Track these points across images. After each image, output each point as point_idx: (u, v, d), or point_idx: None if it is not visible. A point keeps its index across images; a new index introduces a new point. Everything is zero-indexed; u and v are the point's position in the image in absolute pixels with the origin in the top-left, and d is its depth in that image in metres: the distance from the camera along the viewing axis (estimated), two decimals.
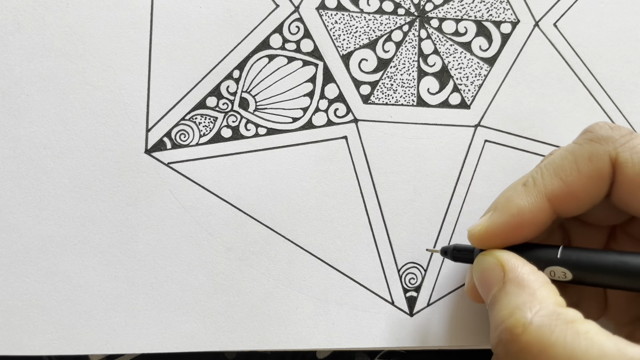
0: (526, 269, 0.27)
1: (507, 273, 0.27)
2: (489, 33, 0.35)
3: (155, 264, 0.32)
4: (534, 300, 0.25)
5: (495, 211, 0.29)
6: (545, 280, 0.27)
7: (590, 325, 0.25)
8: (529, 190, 0.28)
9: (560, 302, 0.26)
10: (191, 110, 0.33)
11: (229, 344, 0.33)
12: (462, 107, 0.35)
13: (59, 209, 0.32)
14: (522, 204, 0.28)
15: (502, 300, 0.27)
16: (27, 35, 0.32)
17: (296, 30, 0.34)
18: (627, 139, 0.27)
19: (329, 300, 0.33)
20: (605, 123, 0.28)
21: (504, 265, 0.28)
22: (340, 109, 0.34)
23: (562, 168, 0.28)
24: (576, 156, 0.28)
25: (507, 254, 0.28)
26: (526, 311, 0.25)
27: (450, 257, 0.31)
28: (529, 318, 0.25)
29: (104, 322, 0.32)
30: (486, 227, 0.29)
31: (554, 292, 0.26)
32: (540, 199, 0.28)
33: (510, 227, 0.28)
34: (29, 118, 0.32)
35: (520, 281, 0.27)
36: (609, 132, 0.28)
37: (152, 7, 0.33)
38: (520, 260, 0.28)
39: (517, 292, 0.26)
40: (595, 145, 0.28)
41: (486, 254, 0.29)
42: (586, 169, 0.28)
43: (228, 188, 0.33)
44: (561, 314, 0.25)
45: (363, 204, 0.34)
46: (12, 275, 0.32)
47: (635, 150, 0.27)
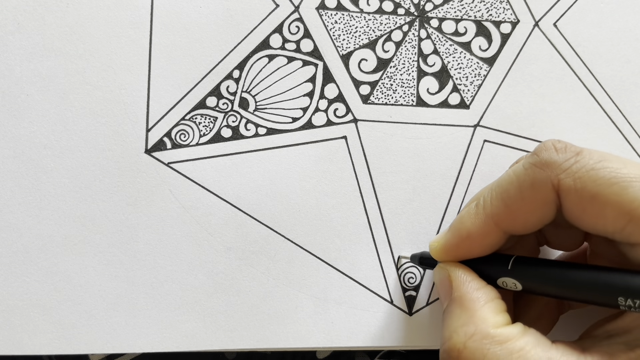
0: (473, 285, 0.29)
1: (454, 291, 0.29)
2: (488, 33, 0.35)
3: (155, 263, 0.32)
4: (471, 322, 0.27)
5: (450, 231, 0.30)
6: (489, 297, 0.28)
7: (527, 339, 0.26)
8: (478, 213, 0.29)
9: (498, 323, 0.27)
10: (191, 110, 0.33)
11: (229, 343, 0.33)
12: (461, 107, 0.35)
13: (59, 209, 0.32)
14: (470, 227, 0.29)
15: (446, 319, 0.29)
16: (27, 35, 0.32)
17: (296, 30, 0.34)
18: (571, 162, 0.27)
19: (329, 299, 0.33)
20: (552, 144, 0.28)
21: (452, 282, 0.29)
22: (340, 109, 0.34)
23: (507, 193, 0.28)
24: (520, 181, 0.28)
25: (457, 270, 0.30)
26: (462, 335, 0.27)
27: (417, 264, 0.33)
28: (462, 342, 0.27)
29: (104, 321, 0.32)
30: (442, 245, 0.30)
31: (494, 311, 0.28)
32: (487, 222, 0.29)
33: (462, 247, 0.30)
34: (29, 118, 0.32)
35: (463, 301, 0.28)
36: (553, 155, 0.27)
37: (152, 7, 0.33)
38: (470, 275, 0.29)
39: (458, 312, 0.28)
40: (537, 172, 0.27)
41: (440, 267, 0.31)
42: (529, 195, 0.28)
43: (228, 188, 0.33)
44: (495, 336, 0.26)
45: (362, 204, 0.34)
46: (12, 275, 0.32)
47: (577, 176, 0.26)
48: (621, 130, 0.36)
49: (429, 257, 0.32)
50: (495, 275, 0.29)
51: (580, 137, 0.35)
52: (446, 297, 0.30)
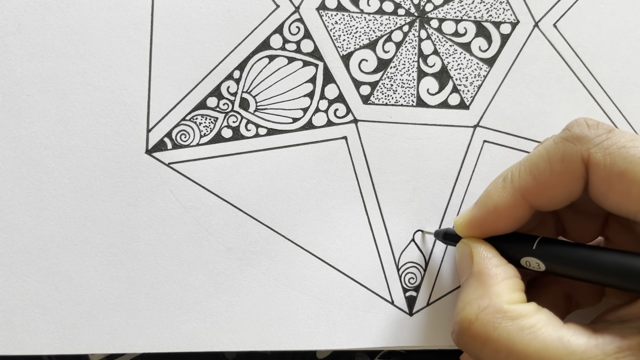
0: (493, 261, 0.29)
1: (474, 265, 0.29)
2: (488, 34, 0.35)
3: (156, 263, 0.32)
4: (486, 296, 0.27)
5: (476, 205, 0.30)
6: (508, 275, 0.28)
7: (539, 318, 0.26)
8: (506, 186, 0.29)
9: (513, 299, 0.27)
10: (192, 111, 0.33)
11: (229, 344, 0.33)
12: (461, 107, 0.35)
13: (59, 209, 0.32)
14: (498, 200, 0.29)
15: (463, 291, 0.29)
16: (28, 36, 0.32)
17: (296, 30, 0.34)
18: (602, 138, 0.27)
19: (329, 300, 0.33)
20: (584, 120, 0.28)
21: (473, 256, 0.29)
22: (340, 110, 0.34)
23: (536, 166, 0.28)
24: (550, 155, 0.28)
25: (479, 246, 0.30)
26: (475, 307, 0.27)
27: (441, 239, 0.33)
28: (475, 314, 0.27)
29: (105, 321, 0.32)
30: (467, 220, 0.30)
31: (510, 288, 0.28)
32: (515, 195, 0.29)
33: (488, 221, 0.30)
34: (30, 118, 0.32)
35: (481, 275, 0.28)
36: (585, 131, 0.28)
37: (152, 7, 0.33)
38: (491, 252, 0.29)
39: (475, 286, 0.28)
40: (568, 145, 0.28)
41: (463, 242, 0.31)
42: (558, 168, 0.28)
43: (228, 188, 0.33)
44: (507, 311, 0.27)
45: (363, 204, 0.34)
46: (13, 275, 0.32)
47: (608, 152, 0.27)
48: None
49: (453, 233, 0.32)
50: (519, 254, 0.29)
51: None
52: (465, 271, 0.30)
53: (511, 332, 0.26)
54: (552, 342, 0.25)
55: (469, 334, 0.27)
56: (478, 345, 0.27)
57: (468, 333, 0.27)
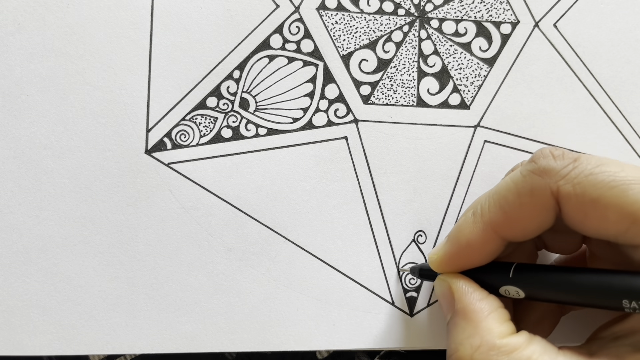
0: (475, 295, 0.29)
1: (456, 302, 0.29)
2: (488, 33, 0.35)
3: (155, 264, 0.32)
4: (476, 334, 0.27)
5: (449, 241, 0.30)
6: (492, 307, 0.28)
7: (533, 349, 0.26)
8: (476, 221, 0.29)
9: (503, 332, 0.27)
10: (191, 111, 0.33)
11: (229, 344, 0.32)
12: (461, 107, 0.35)
13: (59, 209, 0.32)
14: (469, 236, 0.29)
15: (451, 332, 0.28)
16: (28, 36, 0.32)
17: (296, 30, 0.34)
18: (569, 169, 0.27)
19: (330, 300, 0.33)
20: (550, 151, 0.28)
21: (453, 293, 0.29)
22: (341, 109, 0.34)
23: (505, 200, 0.28)
24: (518, 189, 0.28)
25: (458, 281, 0.29)
26: (468, 347, 0.27)
27: (417, 276, 0.33)
28: (469, 355, 0.27)
29: (104, 322, 0.32)
30: (441, 256, 0.30)
31: (499, 321, 0.28)
32: (486, 230, 0.29)
33: (462, 256, 0.30)
34: (30, 118, 0.32)
35: (466, 312, 0.28)
36: (551, 163, 0.27)
37: (152, 7, 0.33)
38: (472, 286, 0.29)
39: (462, 324, 0.28)
40: (536, 179, 0.27)
41: (441, 279, 0.31)
42: (527, 201, 0.28)
43: (228, 188, 0.33)
44: (502, 347, 0.26)
45: (363, 204, 0.34)
46: (12, 275, 0.32)
47: (577, 181, 0.26)
48: (621, 131, 0.36)
49: (429, 269, 0.32)
50: (497, 284, 0.29)
51: (580, 138, 0.35)
52: (449, 309, 0.29)
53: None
54: None
55: None
56: None
57: None
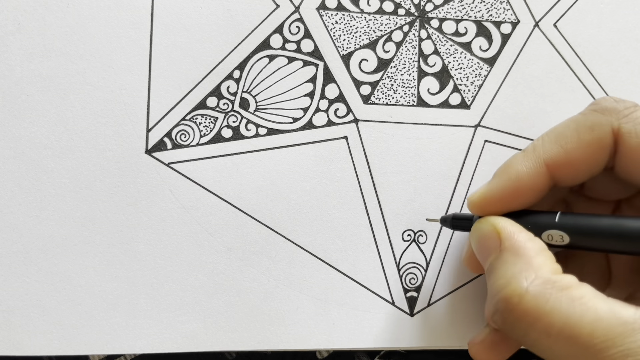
0: (523, 235, 0.27)
1: (504, 241, 0.27)
2: (489, 33, 0.35)
3: (155, 264, 0.32)
4: (530, 268, 0.26)
5: (494, 177, 0.29)
6: (541, 247, 0.27)
7: (586, 289, 0.25)
8: (528, 156, 0.29)
9: (556, 270, 0.26)
10: (191, 111, 0.33)
11: (229, 344, 0.33)
12: (462, 107, 0.35)
13: (59, 209, 0.32)
14: (520, 169, 0.28)
15: (499, 268, 0.27)
16: (28, 36, 0.32)
17: (296, 30, 0.34)
18: (631, 110, 0.27)
19: (329, 300, 0.33)
20: (611, 97, 0.28)
21: (500, 232, 0.28)
22: (341, 109, 0.34)
23: (563, 135, 0.28)
24: (578, 125, 0.28)
25: (503, 221, 0.28)
26: (522, 280, 0.25)
27: (449, 226, 0.32)
28: (524, 287, 0.25)
29: (105, 322, 0.32)
30: (484, 193, 0.29)
31: (550, 259, 0.26)
32: (539, 164, 0.28)
33: (508, 192, 0.29)
34: (30, 118, 0.32)
35: (517, 249, 0.27)
36: (613, 104, 0.28)
37: (152, 7, 0.33)
38: (517, 226, 0.28)
39: (513, 260, 0.27)
40: (598, 116, 0.28)
41: (483, 220, 0.29)
42: (587, 137, 0.28)
43: (228, 188, 0.33)
44: (556, 281, 0.25)
45: (363, 204, 0.34)
46: (12, 275, 0.32)
47: (638, 122, 0.27)
48: None
49: (463, 217, 0.30)
50: (541, 228, 0.28)
51: None
52: (492, 250, 0.28)
53: (563, 304, 0.24)
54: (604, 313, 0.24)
55: (520, 309, 0.25)
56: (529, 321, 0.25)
57: (519, 308, 0.25)
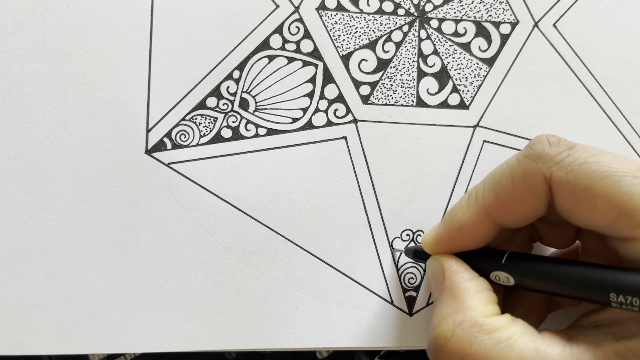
0: (465, 275, 0.29)
1: (445, 280, 0.29)
2: (488, 34, 0.35)
3: (155, 264, 0.32)
4: (460, 310, 0.27)
5: (442, 223, 0.30)
6: (480, 288, 0.28)
7: (515, 329, 0.26)
8: (470, 204, 0.29)
9: (487, 312, 0.27)
10: (191, 111, 0.33)
11: (229, 343, 0.33)
12: (461, 107, 0.35)
13: (59, 209, 0.32)
14: (462, 219, 0.29)
15: (436, 307, 0.29)
16: (28, 36, 0.32)
17: (296, 30, 0.34)
18: (564, 156, 0.27)
19: (329, 299, 0.33)
20: (546, 138, 0.28)
21: (444, 271, 0.29)
22: (340, 110, 0.34)
23: (499, 184, 0.28)
24: (512, 172, 0.28)
25: (450, 261, 0.30)
26: (450, 323, 0.27)
27: (411, 257, 0.33)
28: (451, 330, 0.27)
29: (105, 321, 0.32)
30: (434, 237, 0.31)
31: (484, 301, 0.28)
32: (479, 213, 0.29)
33: (454, 238, 0.30)
34: (30, 118, 0.32)
35: (454, 290, 0.28)
36: (546, 149, 0.27)
37: (152, 7, 0.33)
38: (462, 267, 0.29)
39: (448, 301, 0.28)
40: (530, 164, 0.28)
41: (434, 258, 0.31)
42: (521, 186, 0.28)
43: (228, 188, 0.33)
44: (483, 325, 0.27)
45: (362, 204, 0.34)
46: (12, 275, 0.32)
47: (570, 169, 0.27)
48: (621, 130, 0.36)
49: (423, 251, 0.32)
50: (488, 268, 0.29)
51: (580, 138, 0.35)
52: (437, 287, 0.30)
53: (488, 346, 0.26)
54: (528, 353, 0.26)
55: (446, 351, 0.27)
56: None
57: (445, 349, 0.27)
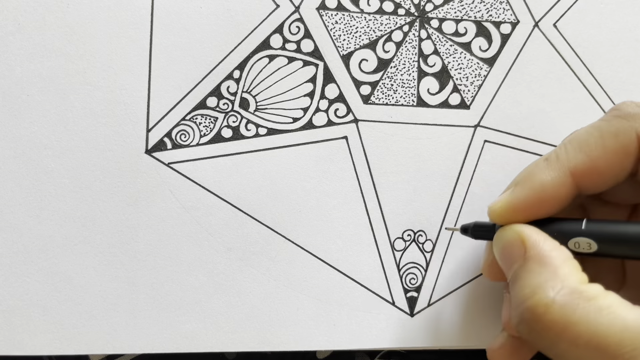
0: (548, 244, 0.27)
1: (529, 249, 0.27)
2: (488, 33, 0.35)
3: (155, 264, 0.32)
4: (556, 278, 0.25)
5: (517, 186, 0.29)
6: (567, 256, 0.26)
7: (613, 298, 0.25)
8: (552, 164, 0.28)
9: (582, 279, 0.25)
10: (191, 111, 0.33)
11: (229, 344, 0.32)
12: (461, 107, 0.35)
13: (59, 209, 0.32)
14: (544, 178, 0.28)
15: (524, 278, 0.26)
16: (28, 36, 0.32)
17: (296, 30, 0.34)
18: None
19: (330, 300, 0.33)
20: (632, 102, 0.28)
21: (525, 240, 0.27)
22: (341, 109, 0.34)
23: (587, 143, 0.28)
24: (602, 132, 0.27)
25: (528, 229, 0.28)
26: (548, 290, 0.25)
27: (471, 235, 0.31)
28: (551, 297, 0.25)
29: (105, 322, 0.32)
30: (507, 202, 0.28)
31: (576, 269, 0.26)
32: (564, 173, 0.28)
33: (532, 201, 0.28)
34: (30, 118, 0.32)
35: (542, 258, 0.26)
36: (636, 109, 0.27)
37: (152, 7, 0.33)
38: (542, 235, 0.27)
39: (538, 269, 0.26)
40: (622, 122, 0.27)
41: (507, 228, 0.28)
42: (612, 144, 0.27)
43: (228, 188, 0.33)
44: (584, 291, 0.25)
45: (363, 204, 0.34)
46: (12, 275, 0.32)
47: None
48: None
49: (485, 225, 0.30)
50: (567, 236, 0.27)
51: None
52: (517, 258, 0.27)
53: (590, 314, 0.24)
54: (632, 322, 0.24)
55: (546, 320, 0.24)
56: (556, 332, 0.24)
57: (545, 319, 0.25)
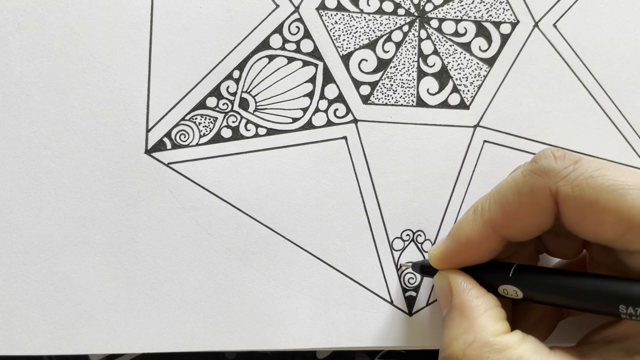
0: (473, 292, 0.29)
1: (454, 298, 0.29)
2: (488, 33, 0.35)
3: (155, 264, 0.32)
4: (471, 330, 0.27)
5: (448, 238, 0.30)
6: (489, 305, 0.28)
7: (526, 348, 0.26)
8: (476, 219, 0.29)
9: (498, 330, 0.27)
10: (191, 111, 0.33)
11: (229, 344, 0.33)
12: (461, 107, 0.35)
13: (59, 209, 0.32)
14: (469, 234, 0.29)
15: (446, 327, 0.29)
16: (27, 36, 0.32)
17: (296, 30, 0.34)
18: (569, 170, 0.27)
19: (329, 300, 0.33)
20: (551, 152, 0.28)
21: (452, 288, 0.29)
22: (340, 109, 0.34)
23: (505, 199, 0.28)
24: (519, 188, 0.28)
25: (457, 277, 0.30)
26: (461, 343, 0.27)
27: (418, 272, 0.33)
28: (462, 350, 0.27)
29: (104, 322, 0.32)
30: (441, 252, 0.31)
31: (494, 319, 0.28)
32: (485, 228, 0.29)
33: (461, 253, 0.30)
34: (29, 118, 0.32)
35: (463, 308, 0.28)
36: (552, 163, 0.27)
37: (152, 7, 0.33)
38: (470, 283, 0.29)
39: (458, 320, 0.28)
40: (536, 179, 0.28)
41: (441, 274, 0.31)
42: (527, 201, 0.28)
43: (228, 188, 0.33)
44: (494, 344, 0.27)
45: (362, 204, 0.34)
46: (12, 275, 0.32)
47: (576, 183, 0.26)
48: (621, 131, 0.36)
49: (429, 265, 0.32)
50: (496, 282, 0.29)
51: (580, 138, 0.35)
52: (446, 304, 0.30)
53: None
54: None
55: None
56: None
57: None
